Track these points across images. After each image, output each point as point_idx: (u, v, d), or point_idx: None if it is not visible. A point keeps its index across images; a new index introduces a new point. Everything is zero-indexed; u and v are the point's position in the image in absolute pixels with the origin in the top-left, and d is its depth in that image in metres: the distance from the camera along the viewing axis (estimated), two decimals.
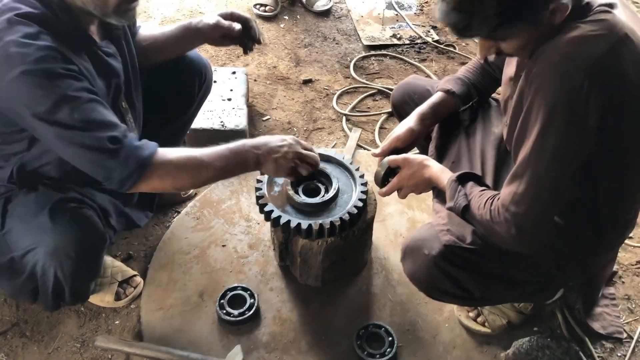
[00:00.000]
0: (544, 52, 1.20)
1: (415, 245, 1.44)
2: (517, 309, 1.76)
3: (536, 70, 1.20)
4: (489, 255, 1.38)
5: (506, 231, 1.27)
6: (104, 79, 1.49)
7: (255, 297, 1.83)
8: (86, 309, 1.85)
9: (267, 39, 3.13)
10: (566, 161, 1.20)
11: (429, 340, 1.78)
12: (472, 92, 1.68)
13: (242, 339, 1.76)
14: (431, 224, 1.47)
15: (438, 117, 1.71)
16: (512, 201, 1.24)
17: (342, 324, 1.81)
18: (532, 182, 1.21)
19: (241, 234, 2.07)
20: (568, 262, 1.46)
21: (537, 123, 1.18)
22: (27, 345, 1.76)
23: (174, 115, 1.95)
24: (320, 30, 3.23)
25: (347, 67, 2.95)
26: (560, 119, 1.17)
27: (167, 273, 1.94)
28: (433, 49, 3.10)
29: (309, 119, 2.64)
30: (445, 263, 1.38)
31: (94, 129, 1.33)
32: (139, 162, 1.38)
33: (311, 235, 1.68)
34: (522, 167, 1.23)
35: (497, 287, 1.45)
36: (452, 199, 1.39)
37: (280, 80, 2.85)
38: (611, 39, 1.17)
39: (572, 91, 1.15)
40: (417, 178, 1.53)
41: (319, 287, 1.89)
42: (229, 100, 2.44)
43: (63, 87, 1.28)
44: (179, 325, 1.79)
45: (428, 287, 1.46)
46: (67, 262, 1.48)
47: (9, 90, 1.27)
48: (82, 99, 1.31)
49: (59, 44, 1.30)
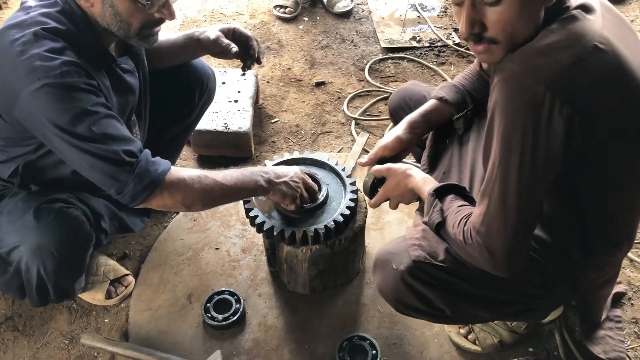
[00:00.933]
0: (505, 62, 1.12)
1: (385, 259, 1.39)
2: (510, 327, 1.68)
3: (497, 79, 1.12)
4: (462, 274, 1.31)
5: (479, 254, 1.19)
6: (120, 96, 1.53)
7: (241, 302, 1.81)
8: (78, 306, 1.88)
9: (285, 40, 3.12)
10: (533, 179, 1.11)
11: (416, 355, 1.72)
12: (467, 99, 1.61)
13: (224, 344, 1.75)
14: (404, 237, 1.41)
15: (430, 125, 1.64)
16: (482, 223, 1.17)
17: (327, 333, 1.77)
18: (499, 201, 1.13)
19: (236, 237, 2.06)
20: (555, 282, 1.38)
21: (498, 138, 1.11)
22: (18, 339, 1.80)
23: (175, 121, 1.97)
24: (339, 32, 3.19)
25: (362, 69, 2.90)
26: (521, 135, 1.08)
27: (158, 274, 1.95)
28: (453, 53, 3.01)
29: (317, 122, 2.61)
30: (413, 279, 1.32)
31: (111, 142, 1.35)
32: (152, 178, 1.39)
33: (295, 243, 1.65)
34: (488, 185, 1.15)
35: (472, 308, 1.37)
36: (427, 213, 1.32)
37: (292, 82, 2.83)
38: (577, 50, 1.08)
39: (533, 106, 1.06)
40: (402, 188, 1.48)
41: (307, 294, 1.86)
42: (235, 102, 2.43)
43: (83, 101, 1.32)
44: (165, 327, 1.80)
45: (396, 303, 1.40)
46: (50, 261, 1.51)
47: (31, 102, 1.31)
48: (101, 114, 1.35)
49: (82, 59, 1.35)
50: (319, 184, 1.72)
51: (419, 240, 1.35)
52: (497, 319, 1.61)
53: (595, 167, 1.17)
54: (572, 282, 1.40)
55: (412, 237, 1.37)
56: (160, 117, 1.86)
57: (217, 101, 2.37)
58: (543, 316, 1.59)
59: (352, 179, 1.76)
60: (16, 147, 1.50)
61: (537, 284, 1.37)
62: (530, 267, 1.31)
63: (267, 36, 3.16)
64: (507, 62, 1.11)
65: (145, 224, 1.97)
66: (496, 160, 1.12)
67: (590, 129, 1.09)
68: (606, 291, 1.58)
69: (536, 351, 1.72)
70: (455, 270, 1.31)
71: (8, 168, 1.53)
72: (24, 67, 1.28)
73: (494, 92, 1.11)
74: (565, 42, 1.08)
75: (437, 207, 1.30)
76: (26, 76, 1.28)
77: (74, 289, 1.71)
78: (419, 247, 1.34)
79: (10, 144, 1.49)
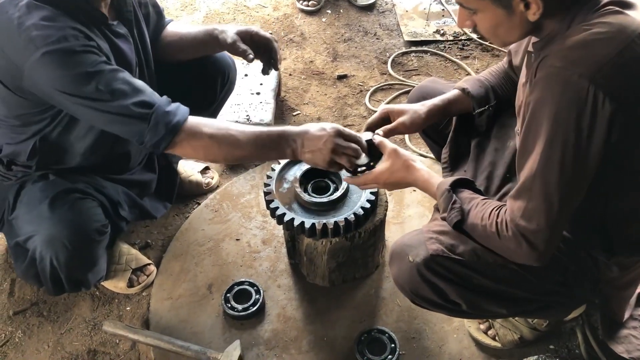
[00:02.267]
0: (546, 58, 1.11)
1: (402, 251, 1.38)
2: (531, 324, 1.66)
3: (538, 77, 1.11)
4: (479, 268, 1.30)
5: (517, 246, 1.19)
6: (116, 58, 1.51)
7: (261, 293, 1.82)
8: (100, 294, 1.91)
9: (307, 33, 3.12)
10: (576, 174, 1.11)
11: (434, 350, 1.71)
12: (490, 95, 1.58)
13: (244, 334, 1.76)
14: (421, 230, 1.40)
15: (447, 114, 1.63)
16: (523, 216, 1.16)
17: (346, 326, 1.77)
18: (543, 196, 1.13)
19: (256, 228, 2.07)
20: (575, 280, 1.36)
21: (542, 135, 1.10)
22: (43, 324, 1.84)
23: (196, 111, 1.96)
24: (362, 24, 3.17)
25: (385, 63, 2.88)
26: (565, 130, 1.08)
27: (179, 263, 1.97)
28: (477, 46, 2.97)
29: (339, 115, 2.60)
30: (429, 272, 1.31)
31: (121, 98, 1.36)
32: (168, 127, 1.40)
33: (315, 235, 1.65)
34: (530, 180, 1.15)
35: (488, 303, 1.36)
36: (445, 210, 1.31)
37: (315, 75, 2.83)
38: (621, 42, 1.06)
39: (577, 100, 1.05)
40: (398, 178, 1.44)
41: (326, 287, 1.86)
42: (257, 94, 2.44)
43: (85, 63, 1.34)
44: (185, 316, 1.82)
45: (411, 295, 1.40)
46: (62, 252, 1.52)
47: (35, 72, 1.33)
48: (105, 71, 1.36)
49: (76, 23, 1.36)
50: (340, 177, 1.70)
51: (437, 234, 1.34)
52: (515, 315, 1.60)
53: (623, 164, 1.15)
54: (593, 282, 1.38)
55: (429, 230, 1.36)
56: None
57: (239, 93, 2.39)
58: (564, 314, 1.57)
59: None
60: (32, 124, 1.52)
61: (557, 281, 1.35)
62: (551, 264, 1.29)
63: (289, 29, 3.15)
64: (548, 58, 1.10)
65: (168, 209, 1.99)
66: (538, 156, 1.11)
67: (630, 124, 1.07)
68: (629, 291, 1.55)
69: (557, 348, 1.70)
70: (473, 265, 1.30)
71: (27, 146, 1.54)
72: (22, 40, 1.30)
73: (535, 89, 1.10)
74: (607, 34, 1.06)
75: (457, 204, 1.30)
76: (25, 48, 1.31)
77: (88, 280, 1.71)
78: (436, 241, 1.33)
79: (26, 121, 1.52)
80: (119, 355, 1.76)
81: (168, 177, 1.99)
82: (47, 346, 1.78)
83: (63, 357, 1.75)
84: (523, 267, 1.29)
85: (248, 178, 2.25)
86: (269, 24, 3.20)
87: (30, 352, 1.77)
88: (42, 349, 1.77)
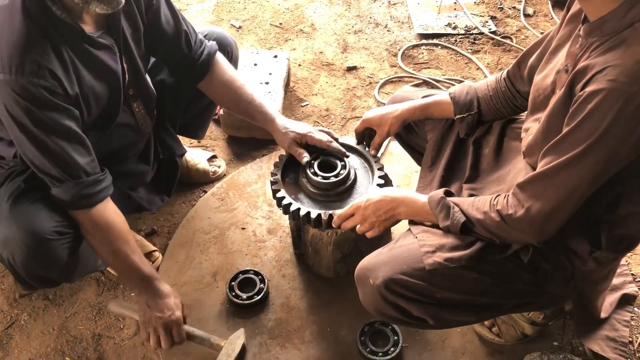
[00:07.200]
0: (609, 68, 1.08)
1: (363, 274, 1.40)
2: (528, 319, 1.65)
3: (598, 85, 1.09)
4: (438, 284, 1.32)
5: (528, 225, 1.22)
6: (93, 72, 1.47)
7: (265, 282, 1.83)
8: (106, 279, 1.92)
9: (318, 24, 3.10)
10: (606, 175, 1.15)
11: (438, 344, 1.71)
12: (474, 104, 1.60)
13: (247, 323, 1.76)
14: (379, 251, 1.42)
15: (427, 114, 1.67)
16: (536, 198, 1.20)
17: (349, 317, 1.77)
18: (564, 186, 1.16)
19: (262, 218, 2.07)
20: (546, 278, 1.36)
21: (585, 136, 1.11)
22: (48, 307, 1.85)
23: (201, 95, 1.95)
24: (373, 16, 3.16)
25: (395, 55, 2.87)
26: (614, 139, 1.10)
27: (185, 250, 1.98)
28: (488, 41, 2.95)
29: (347, 107, 2.59)
30: (390, 293, 1.33)
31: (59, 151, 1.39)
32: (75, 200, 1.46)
33: (320, 225, 1.64)
34: (554, 169, 1.16)
35: (454, 315, 1.37)
36: (447, 217, 1.33)
37: (324, 66, 2.82)
38: None
39: (634, 114, 1.06)
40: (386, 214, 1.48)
41: (331, 278, 1.86)
42: (266, 84, 2.43)
43: (38, 114, 1.34)
44: (190, 303, 1.82)
45: (378, 315, 1.43)
46: (17, 252, 1.47)
47: None
48: (57, 132, 1.37)
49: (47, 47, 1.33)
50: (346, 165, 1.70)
51: (433, 247, 1.35)
52: (486, 319, 1.64)
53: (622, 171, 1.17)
54: (566, 278, 1.38)
55: (425, 245, 1.36)
56: (186, 92, 1.87)
57: None
58: (544, 308, 1.57)
59: (379, 164, 1.74)
60: None
61: (527, 281, 1.37)
62: (520, 264, 1.33)
63: (300, 19, 3.14)
64: (611, 69, 1.08)
65: (164, 202, 1.99)
66: (574, 151, 1.13)
67: None
68: (604, 285, 1.53)
69: (561, 345, 1.70)
70: (431, 281, 1.31)
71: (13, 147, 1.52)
72: None
73: (592, 97, 1.08)
74: None
75: (456, 207, 1.32)
76: None
77: (54, 278, 1.63)
78: (433, 255, 1.33)
79: None
80: (123, 339, 1.77)
81: (169, 170, 1.98)
82: (52, 329, 1.79)
83: (68, 341, 1.77)
84: (488, 274, 1.32)
85: (255, 167, 2.25)
86: (279, 14, 3.19)
87: (36, 335, 1.78)
88: (47, 332, 1.79)
